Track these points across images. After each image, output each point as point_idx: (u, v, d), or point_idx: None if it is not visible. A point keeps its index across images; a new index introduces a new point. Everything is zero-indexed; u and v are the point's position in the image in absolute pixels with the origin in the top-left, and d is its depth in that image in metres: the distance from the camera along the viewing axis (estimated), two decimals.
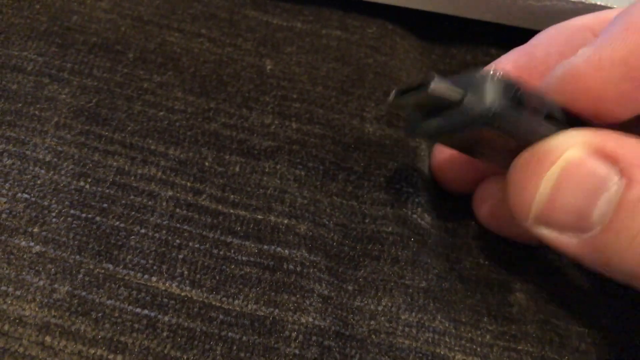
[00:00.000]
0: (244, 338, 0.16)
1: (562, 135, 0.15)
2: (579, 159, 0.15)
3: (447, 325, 0.17)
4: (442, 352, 0.17)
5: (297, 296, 0.17)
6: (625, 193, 0.14)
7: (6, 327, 0.15)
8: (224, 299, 0.16)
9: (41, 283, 0.16)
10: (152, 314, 0.16)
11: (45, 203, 0.17)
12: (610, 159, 0.14)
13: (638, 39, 0.14)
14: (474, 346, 0.17)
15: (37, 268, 0.16)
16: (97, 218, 0.17)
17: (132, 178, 0.18)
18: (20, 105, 0.18)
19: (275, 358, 0.16)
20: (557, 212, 0.15)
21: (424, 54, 0.23)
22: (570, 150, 0.15)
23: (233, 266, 0.17)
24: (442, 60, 0.23)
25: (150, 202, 0.17)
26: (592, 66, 0.15)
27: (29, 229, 0.16)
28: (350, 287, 0.17)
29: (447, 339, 0.17)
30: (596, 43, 0.15)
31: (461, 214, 0.20)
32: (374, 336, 0.17)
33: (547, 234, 0.15)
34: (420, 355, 0.16)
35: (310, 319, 0.16)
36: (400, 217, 0.18)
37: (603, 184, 0.14)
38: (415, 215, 0.18)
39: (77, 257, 0.16)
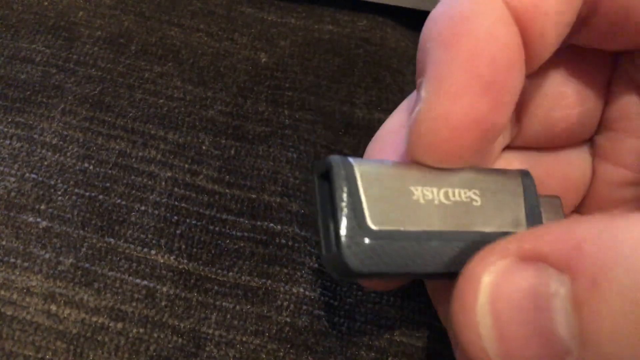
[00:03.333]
0: (238, 307, 0.17)
1: (474, 260, 0.12)
2: (506, 275, 0.12)
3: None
4: (427, 321, 0.17)
5: (289, 268, 0.18)
6: (577, 289, 0.11)
7: (14, 297, 0.16)
8: (219, 271, 0.17)
9: (47, 256, 0.17)
10: (151, 285, 0.17)
11: (52, 182, 0.18)
12: (541, 258, 0.11)
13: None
14: None
15: (43, 242, 0.17)
16: (100, 196, 0.18)
17: (133, 160, 0.19)
18: (28, 93, 0.20)
19: (268, 326, 0.17)
20: (517, 347, 0.11)
21: (416, 42, 0.24)
22: (488, 271, 0.12)
23: (228, 241, 0.18)
24: None
25: (150, 182, 0.18)
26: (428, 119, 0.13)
27: (36, 206, 0.17)
28: None
29: (432, 309, 0.18)
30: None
31: None
32: (361, 306, 0.17)
33: None
34: (406, 323, 0.17)
35: (301, 290, 0.17)
36: None
37: (547, 290, 0.11)
38: None
39: (81, 232, 0.17)
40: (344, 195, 0.12)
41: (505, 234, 0.12)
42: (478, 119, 0.13)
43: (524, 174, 0.14)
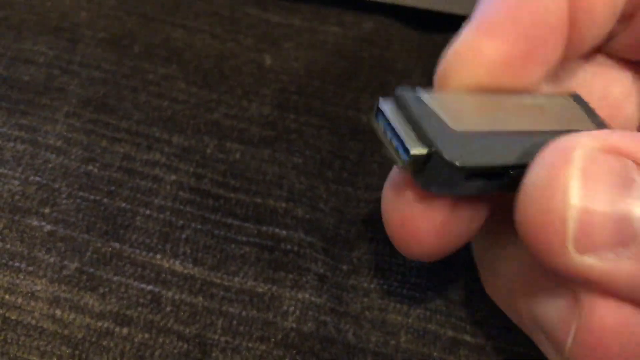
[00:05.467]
0: (244, 313, 0.17)
1: (563, 138, 0.13)
2: (592, 156, 0.12)
3: (438, 302, 0.18)
4: (433, 329, 0.17)
5: (294, 274, 0.18)
6: None
7: (19, 301, 0.16)
8: (225, 276, 0.17)
9: (52, 260, 0.17)
10: (156, 290, 0.17)
11: (56, 186, 0.18)
12: (624, 154, 0.12)
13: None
14: (464, 324, 0.18)
15: (48, 246, 0.17)
16: (105, 200, 0.18)
17: (138, 163, 0.19)
18: (32, 95, 0.19)
19: (274, 332, 0.17)
20: (595, 225, 0.12)
21: (422, 44, 0.24)
22: (579, 150, 0.12)
23: (233, 246, 0.18)
24: (441, 49, 0.24)
25: (154, 186, 0.18)
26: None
27: (41, 210, 0.17)
28: (344, 267, 0.18)
29: (438, 316, 0.18)
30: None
31: None
32: (367, 312, 0.17)
33: (591, 263, 0.12)
34: (412, 330, 0.17)
35: (307, 295, 0.17)
36: None
37: (628, 177, 0.12)
38: None
39: (86, 236, 0.17)
40: (421, 111, 0.13)
41: (578, 130, 0.13)
42: (507, 60, 0.14)
43: (575, 96, 0.15)
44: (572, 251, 0.12)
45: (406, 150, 0.13)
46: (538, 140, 0.13)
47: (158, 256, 0.17)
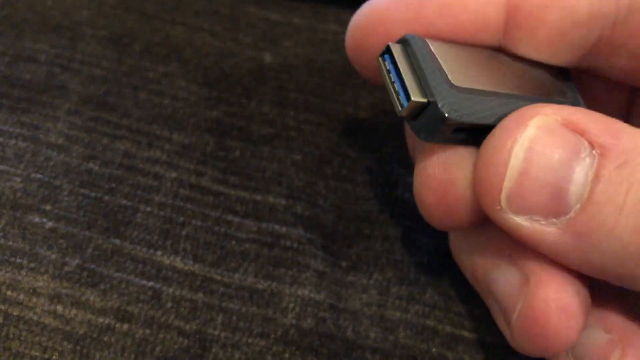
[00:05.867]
0: (244, 309, 0.17)
1: (527, 106, 0.14)
2: (549, 127, 0.13)
3: (437, 298, 0.18)
4: (431, 324, 0.18)
5: (294, 270, 0.18)
6: (602, 162, 0.12)
7: (21, 297, 0.16)
8: (225, 272, 0.17)
9: (53, 256, 0.17)
10: (157, 286, 0.17)
11: (57, 183, 0.18)
12: (579, 130, 0.13)
13: None
14: (463, 320, 0.18)
15: (49, 242, 0.17)
16: (106, 197, 0.18)
17: (138, 160, 0.19)
18: (33, 93, 0.19)
19: (273, 328, 0.17)
20: (530, 191, 0.13)
21: None
22: (538, 117, 0.13)
23: (233, 242, 0.18)
24: None
25: (155, 183, 0.18)
26: (393, 5, 0.15)
27: (42, 207, 0.18)
28: (343, 264, 0.18)
29: (437, 312, 0.18)
30: None
31: None
32: (366, 308, 0.17)
33: (520, 222, 0.13)
34: (410, 326, 0.17)
35: (307, 292, 0.17)
36: (392, 198, 0.19)
37: (577, 154, 0.13)
38: (407, 194, 0.19)
39: (87, 232, 0.17)
40: (426, 60, 0.14)
41: (559, 102, 0.15)
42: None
43: (566, 75, 0.16)
44: (505, 208, 0.13)
45: (407, 96, 0.14)
46: (522, 104, 0.14)
47: (159, 253, 0.17)
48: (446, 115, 0.13)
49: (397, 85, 0.14)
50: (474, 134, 0.14)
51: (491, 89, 0.14)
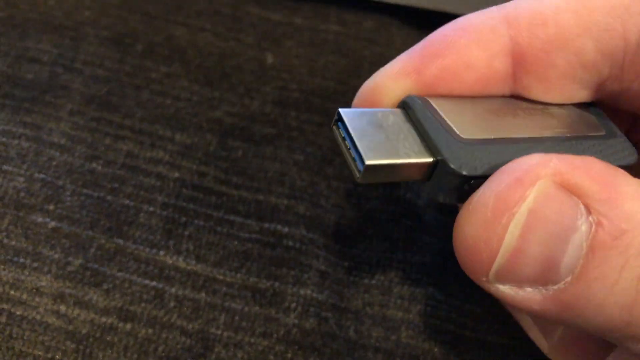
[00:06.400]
0: (246, 309, 0.17)
1: (525, 163, 0.12)
2: (548, 195, 0.12)
3: (439, 298, 0.18)
4: (433, 324, 0.18)
5: (296, 270, 0.18)
6: (598, 231, 0.12)
7: (24, 296, 0.16)
8: (227, 272, 0.17)
9: (56, 256, 0.17)
10: (160, 286, 0.17)
11: (60, 183, 0.18)
12: (576, 192, 0.12)
13: (430, 50, 0.14)
14: (465, 319, 0.18)
15: (52, 242, 0.17)
16: (108, 197, 0.18)
17: (141, 160, 0.19)
18: (36, 93, 0.20)
19: (276, 327, 0.17)
20: (523, 263, 0.12)
21: None
22: (539, 184, 0.12)
23: (236, 242, 0.18)
24: None
25: (157, 183, 0.19)
26: (387, 77, 0.15)
27: (45, 207, 0.18)
28: (345, 264, 0.18)
29: (439, 312, 0.18)
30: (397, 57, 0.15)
31: None
32: (368, 308, 0.18)
33: (505, 291, 0.13)
34: (413, 326, 0.17)
35: (309, 292, 0.17)
36: (394, 198, 0.19)
37: (573, 224, 0.12)
38: (408, 195, 0.19)
39: (90, 232, 0.17)
40: (429, 118, 0.13)
41: (588, 137, 0.14)
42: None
43: (590, 104, 0.15)
44: (492, 279, 0.13)
45: (362, 161, 0.13)
46: (542, 147, 0.13)
47: (161, 252, 0.17)
48: (458, 170, 0.12)
49: (352, 152, 0.13)
50: None
51: (506, 136, 0.14)
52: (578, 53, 0.14)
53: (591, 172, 0.12)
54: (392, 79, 0.15)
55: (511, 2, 0.15)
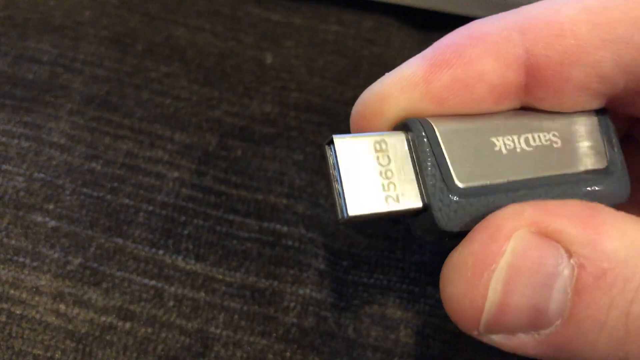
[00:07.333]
0: (245, 308, 0.17)
1: (499, 218, 0.12)
2: (525, 248, 0.12)
3: (437, 297, 0.18)
4: (432, 323, 0.18)
5: (295, 269, 0.18)
6: (581, 275, 0.12)
7: (24, 296, 0.16)
8: (226, 271, 0.18)
9: (56, 255, 0.17)
10: (159, 285, 0.17)
11: (60, 182, 0.18)
12: (555, 237, 0.12)
13: (440, 58, 0.13)
14: None
15: (52, 241, 0.17)
16: (108, 196, 0.18)
17: (141, 160, 0.19)
18: (36, 92, 0.20)
19: (275, 326, 0.17)
20: (511, 316, 0.12)
21: (422, 43, 0.24)
22: (514, 238, 0.12)
23: (235, 241, 0.18)
24: None
25: (157, 182, 0.19)
26: (394, 86, 0.14)
27: (45, 206, 0.18)
28: (344, 263, 0.18)
29: (438, 311, 0.18)
30: (402, 65, 0.14)
31: None
32: (367, 307, 0.18)
33: (498, 339, 0.13)
34: (411, 325, 0.17)
35: (308, 291, 0.17)
36: None
37: (555, 270, 0.12)
38: None
39: (89, 231, 0.17)
40: (429, 156, 0.13)
41: (587, 173, 0.13)
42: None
43: (600, 111, 0.15)
44: (483, 332, 0.13)
45: (345, 209, 0.12)
46: (537, 193, 0.13)
47: (161, 252, 0.17)
48: (440, 225, 0.12)
49: (339, 188, 0.12)
50: None
51: (501, 180, 0.13)
52: (595, 66, 0.14)
53: (568, 215, 0.12)
54: (399, 89, 0.14)
55: (524, 9, 0.14)
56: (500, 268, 0.12)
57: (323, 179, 0.20)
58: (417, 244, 0.19)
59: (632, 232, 0.12)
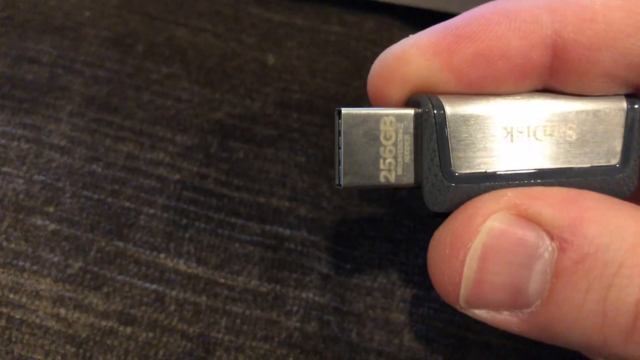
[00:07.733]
0: (247, 312, 0.17)
1: (479, 200, 0.13)
2: (502, 229, 0.12)
3: (441, 300, 0.18)
4: (436, 327, 0.17)
5: (298, 273, 0.18)
6: (561, 257, 0.12)
7: (23, 300, 0.16)
8: (228, 275, 0.17)
9: (56, 259, 0.17)
10: (160, 289, 0.17)
11: (60, 184, 0.18)
12: (536, 221, 0.12)
13: (466, 30, 0.13)
14: (468, 322, 0.18)
15: (52, 245, 0.17)
16: (109, 199, 0.18)
17: (141, 162, 0.19)
18: (36, 94, 0.19)
19: (277, 331, 0.17)
20: (488, 292, 0.13)
21: None
22: (491, 219, 0.13)
23: (237, 245, 0.18)
24: None
25: (158, 185, 0.18)
26: (416, 51, 0.14)
27: (45, 209, 0.17)
28: (347, 266, 0.18)
29: (442, 314, 0.18)
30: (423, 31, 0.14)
31: None
32: (370, 311, 0.17)
33: (482, 314, 0.13)
34: (415, 329, 0.17)
35: (311, 295, 0.17)
36: (395, 199, 0.19)
37: (534, 252, 0.12)
38: (410, 196, 0.19)
39: (90, 235, 0.17)
40: (432, 141, 0.13)
41: (595, 168, 0.13)
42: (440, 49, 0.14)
43: (630, 98, 0.14)
44: (464, 307, 0.13)
45: (339, 178, 0.13)
46: (530, 185, 0.13)
47: (162, 255, 0.17)
48: (428, 206, 0.13)
49: (340, 157, 0.13)
50: None
51: (500, 170, 0.13)
52: (625, 53, 0.13)
53: (550, 199, 0.12)
54: (420, 54, 0.14)
55: None
56: (475, 247, 0.12)
57: (326, 181, 0.20)
58: (420, 246, 0.19)
59: (615, 218, 0.12)
